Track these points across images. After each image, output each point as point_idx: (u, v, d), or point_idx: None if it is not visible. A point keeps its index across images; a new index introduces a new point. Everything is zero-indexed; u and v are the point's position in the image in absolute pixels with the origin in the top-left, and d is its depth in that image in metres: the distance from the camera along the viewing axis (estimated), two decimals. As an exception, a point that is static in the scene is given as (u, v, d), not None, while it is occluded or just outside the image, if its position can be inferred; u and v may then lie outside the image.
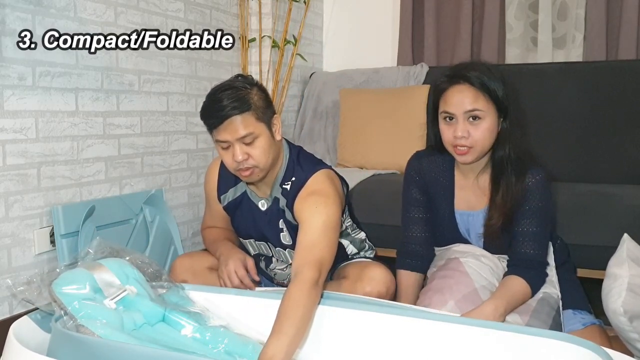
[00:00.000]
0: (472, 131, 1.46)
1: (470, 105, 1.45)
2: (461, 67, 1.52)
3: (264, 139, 1.50)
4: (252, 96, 1.50)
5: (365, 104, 2.83)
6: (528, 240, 1.51)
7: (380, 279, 1.60)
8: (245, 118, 1.47)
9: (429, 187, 1.64)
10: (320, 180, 1.56)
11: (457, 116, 1.47)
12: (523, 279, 1.48)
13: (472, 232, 1.61)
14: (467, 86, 1.46)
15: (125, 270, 1.34)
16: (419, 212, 1.67)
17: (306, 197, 1.52)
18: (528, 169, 1.51)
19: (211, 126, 1.51)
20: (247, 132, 1.47)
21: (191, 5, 2.48)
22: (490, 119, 1.47)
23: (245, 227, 1.71)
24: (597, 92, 2.49)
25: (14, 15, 1.75)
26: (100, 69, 2.05)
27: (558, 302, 1.54)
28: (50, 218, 1.89)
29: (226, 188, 1.71)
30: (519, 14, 2.94)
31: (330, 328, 1.39)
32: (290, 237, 1.64)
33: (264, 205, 1.66)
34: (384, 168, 2.69)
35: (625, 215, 1.94)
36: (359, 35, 3.30)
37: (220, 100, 1.48)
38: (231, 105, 1.46)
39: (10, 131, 1.77)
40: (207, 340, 1.30)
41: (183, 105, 2.47)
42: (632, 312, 1.43)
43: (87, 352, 1.11)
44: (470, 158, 1.50)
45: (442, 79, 1.53)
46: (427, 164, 1.64)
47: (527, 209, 1.51)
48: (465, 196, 1.60)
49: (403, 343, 1.33)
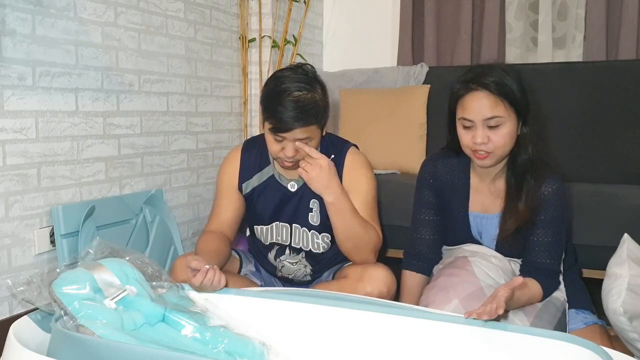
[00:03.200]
0: (492, 136, 1.44)
1: (490, 113, 1.42)
2: (478, 71, 1.47)
3: (317, 140, 1.61)
4: (317, 103, 1.55)
5: (365, 104, 2.83)
6: (543, 251, 1.51)
7: (381, 279, 1.61)
8: (311, 128, 1.55)
9: (444, 190, 1.64)
10: (357, 153, 1.72)
11: (476, 123, 1.44)
12: (538, 282, 1.48)
13: (484, 235, 1.61)
14: (486, 93, 1.43)
15: (125, 270, 1.33)
16: (430, 214, 1.67)
17: (353, 170, 1.67)
18: (545, 176, 1.49)
19: (277, 129, 1.54)
20: (305, 136, 1.55)
21: (191, 5, 2.48)
22: (511, 124, 1.44)
23: (272, 210, 1.73)
24: (597, 92, 2.49)
25: (14, 15, 1.75)
26: (100, 69, 2.05)
27: (564, 305, 1.54)
28: (50, 218, 1.89)
29: (250, 174, 1.74)
30: (519, 14, 2.94)
31: (330, 328, 1.38)
32: (318, 217, 1.69)
33: (293, 187, 1.70)
34: (384, 168, 2.69)
35: (625, 215, 1.94)
36: (359, 35, 3.30)
37: (286, 107, 1.51)
38: (296, 116, 1.51)
39: (10, 131, 1.77)
40: (207, 340, 1.29)
41: (183, 105, 2.47)
42: (632, 312, 1.43)
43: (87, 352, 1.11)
44: (490, 162, 1.49)
45: (458, 85, 1.49)
46: (443, 167, 1.64)
47: (542, 218, 1.49)
48: (480, 199, 1.60)
49: (404, 343, 1.33)
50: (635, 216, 1.93)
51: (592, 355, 1.13)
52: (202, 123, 2.59)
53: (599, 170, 2.41)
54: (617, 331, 1.49)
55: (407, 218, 2.24)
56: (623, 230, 1.64)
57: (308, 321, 1.40)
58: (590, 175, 2.38)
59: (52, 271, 1.32)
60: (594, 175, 2.38)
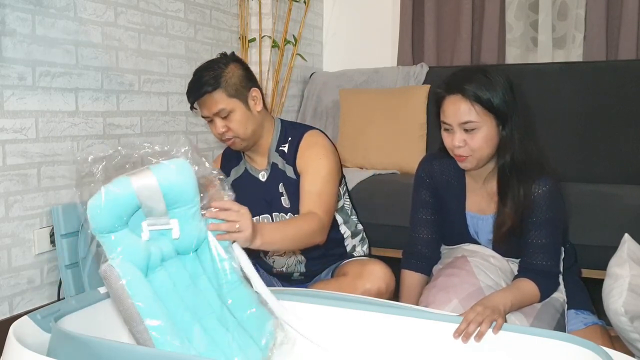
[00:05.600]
0: (469, 140, 1.46)
1: (465, 117, 1.44)
2: (458, 76, 1.50)
3: (239, 112, 1.63)
4: (225, 74, 1.61)
5: (365, 104, 2.83)
6: (538, 252, 1.50)
7: (380, 276, 1.62)
8: (216, 95, 1.60)
9: (440, 189, 1.64)
10: (315, 134, 1.74)
11: (454, 126, 1.47)
12: (535, 284, 1.47)
13: (481, 235, 1.61)
14: (460, 97, 1.44)
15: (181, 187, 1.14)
16: (427, 213, 1.67)
17: (307, 149, 1.68)
18: (535, 178, 1.49)
19: (191, 104, 1.65)
20: (219, 108, 1.60)
21: (191, 5, 2.48)
22: (487, 128, 1.45)
23: (250, 203, 1.71)
24: (597, 92, 2.49)
25: (14, 15, 1.75)
26: (100, 69, 2.05)
27: (563, 306, 1.54)
28: (50, 218, 1.89)
29: (229, 169, 1.80)
30: (519, 14, 2.94)
31: (330, 328, 1.38)
32: (289, 200, 1.71)
33: (264, 177, 1.75)
34: (384, 168, 2.69)
35: (626, 215, 1.94)
36: (359, 35, 3.30)
37: (197, 79, 1.62)
38: (205, 84, 1.60)
39: (10, 131, 1.77)
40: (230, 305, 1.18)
41: (183, 105, 2.46)
42: (633, 312, 1.43)
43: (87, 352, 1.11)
44: (469, 165, 1.50)
45: (439, 87, 1.52)
46: (439, 167, 1.64)
47: (534, 220, 1.49)
48: (477, 199, 1.60)
49: (404, 343, 1.33)
50: (635, 216, 1.93)
51: (592, 356, 1.13)
52: (202, 123, 2.59)
53: (599, 170, 2.41)
54: (618, 331, 1.48)
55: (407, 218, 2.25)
56: (623, 230, 1.63)
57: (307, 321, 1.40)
58: (590, 175, 2.38)
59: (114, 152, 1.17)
60: (594, 175, 2.38)
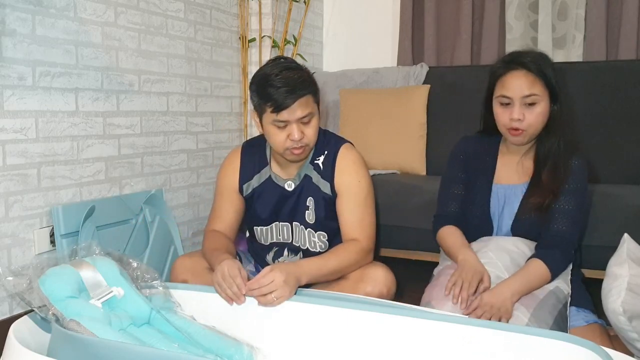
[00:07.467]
0: (527, 114, 1.55)
1: (528, 91, 1.53)
2: (517, 53, 1.61)
3: (316, 120, 1.62)
4: (304, 75, 1.58)
5: (365, 104, 2.83)
6: (563, 217, 1.57)
7: (381, 280, 1.61)
8: (308, 99, 1.56)
9: (471, 164, 1.71)
10: (349, 148, 1.72)
11: (514, 100, 1.55)
12: (545, 263, 1.51)
13: (506, 208, 1.65)
14: (525, 72, 1.54)
15: (112, 270, 1.32)
16: (459, 189, 1.73)
17: (345, 168, 1.67)
18: (574, 152, 1.61)
19: (277, 108, 1.53)
20: (307, 111, 1.56)
21: (191, 5, 2.48)
22: (544, 104, 1.56)
23: (271, 211, 1.73)
24: (597, 92, 2.49)
25: (14, 15, 1.75)
26: (100, 69, 2.05)
27: (567, 298, 1.55)
28: (50, 218, 1.89)
29: (251, 175, 1.74)
30: (519, 14, 2.94)
31: (330, 328, 1.38)
32: (314, 215, 1.70)
33: (290, 186, 1.71)
34: (384, 168, 2.69)
35: (625, 215, 1.94)
36: (359, 35, 3.30)
37: (293, 79, 1.54)
38: (304, 83, 1.55)
39: (10, 131, 1.77)
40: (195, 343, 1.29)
41: (183, 105, 2.47)
42: (632, 311, 1.43)
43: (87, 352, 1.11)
44: (523, 139, 1.59)
45: (498, 65, 1.61)
46: (474, 143, 1.74)
47: (567, 187, 1.58)
48: (507, 173, 1.68)
49: (404, 343, 1.33)
50: (635, 216, 1.93)
51: (592, 355, 1.13)
52: (202, 123, 2.59)
53: (599, 170, 2.41)
54: (617, 331, 1.49)
55: (406, 218, 2.25)
56: (623, 230, 1.63)
57: (308, 321, 1.40)
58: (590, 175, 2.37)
59: (39, 266, 1.29)
60: (594, 175, 2.38)
